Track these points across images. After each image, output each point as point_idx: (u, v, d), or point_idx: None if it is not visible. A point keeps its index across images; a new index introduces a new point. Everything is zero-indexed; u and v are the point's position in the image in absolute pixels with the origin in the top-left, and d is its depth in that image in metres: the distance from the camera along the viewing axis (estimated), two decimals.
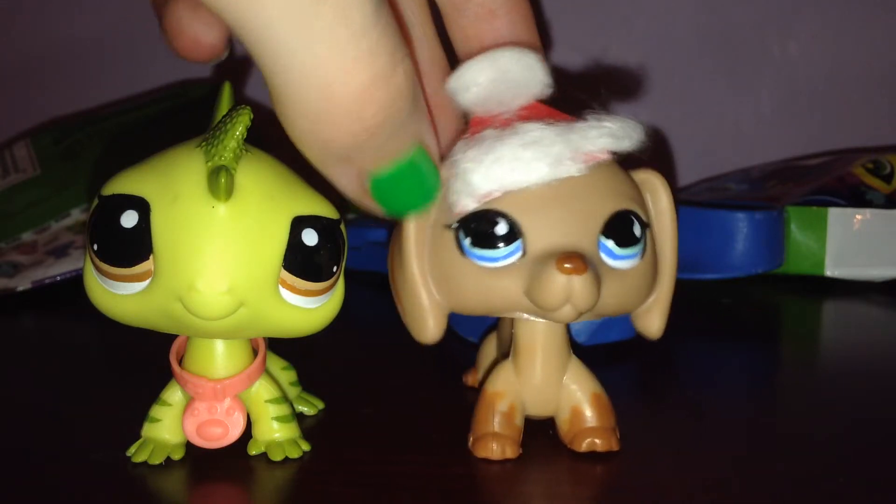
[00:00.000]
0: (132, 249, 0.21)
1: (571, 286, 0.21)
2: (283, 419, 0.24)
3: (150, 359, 0.25)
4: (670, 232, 0.25)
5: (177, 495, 0.23)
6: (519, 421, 0.24)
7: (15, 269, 0.45)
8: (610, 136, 0.22)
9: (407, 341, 0.24)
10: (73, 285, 0.44)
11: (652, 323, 0.25)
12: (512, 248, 0.22)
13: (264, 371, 0.24)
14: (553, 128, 0.22)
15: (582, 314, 0.22)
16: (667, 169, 0.59)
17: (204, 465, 0.23)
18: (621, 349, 0.34)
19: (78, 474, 0.23)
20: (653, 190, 0.25)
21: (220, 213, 0.21)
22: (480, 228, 0.22)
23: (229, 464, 0.24)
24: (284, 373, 0.27)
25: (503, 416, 0.24)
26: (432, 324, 0.24)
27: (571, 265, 0.21)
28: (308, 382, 0.28)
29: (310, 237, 0.22)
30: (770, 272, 0.44)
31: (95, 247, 0.21)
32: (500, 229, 0.22)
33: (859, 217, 0.46)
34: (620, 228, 0.23)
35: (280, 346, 0.27)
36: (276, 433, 0.24)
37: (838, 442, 0.25)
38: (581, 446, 0.24)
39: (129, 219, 0.21)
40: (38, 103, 0.63)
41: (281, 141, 0.21)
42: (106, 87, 0.62)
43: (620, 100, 0.57)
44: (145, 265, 0.21)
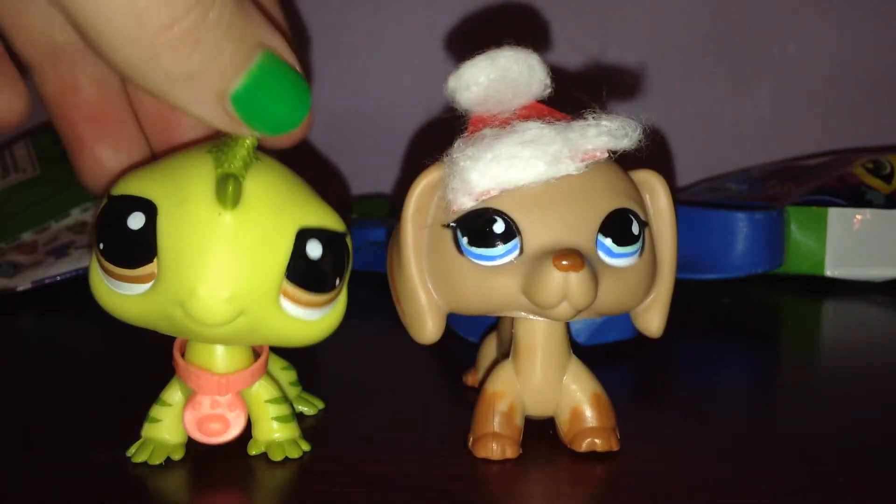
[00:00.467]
0: (137, 251, 0.21)
1: (568, 283, 0.21)
2: (283, 419, 0.24)
3: (150, 359, 0.25)
4: (669, 231, 0.25)
5: (177, 495, 0.23)
6: (519, 421, 0.24)
7: (15, 269, 0.45)
8: (608, 135, 0.22)
9: (407, 341, 0.24)
10: (73, 285, 0.44)
11: (651, 321, 0.25)
12: (509, 247, 0.22)
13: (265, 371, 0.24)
14: (551, 126, 0.22)
15: (579, 311, 0.22)
16: (667, 169, 0.59)
17: (204, 466, 0.23)
18: (621, 349, 0.34)
19: (78, 474, 0.23)
20: (652, 190, 0.25)
21: (226, 221, 0.21)
22: (478, 227, 0.22)
23: (229, 464, 0.24)
24: (284, 373, 0.27)
25: (503, 416, 0.24)
26: (431, 324, 0.24)
27: (568, 262, 0.21)
28: (308, 382, 0.28)
29: (314, 249, 0.22)
30: (770, 272, 0.44)
31: (101, 246, 0.21)
32: (498, 228, 0.22)
33: (859, 217, 0.46)
34: (618, 226, 0.23)
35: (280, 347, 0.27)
36: (276, 433, 0.24)
37: (838, 442, 0.25)
38: (581, 446, 0.24)
39: (136, 221, 0.21)
40: (39, 103, 0.63)
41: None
42: None
43: (620, 100, 0.57)
44: (149, 268, 0.21)
